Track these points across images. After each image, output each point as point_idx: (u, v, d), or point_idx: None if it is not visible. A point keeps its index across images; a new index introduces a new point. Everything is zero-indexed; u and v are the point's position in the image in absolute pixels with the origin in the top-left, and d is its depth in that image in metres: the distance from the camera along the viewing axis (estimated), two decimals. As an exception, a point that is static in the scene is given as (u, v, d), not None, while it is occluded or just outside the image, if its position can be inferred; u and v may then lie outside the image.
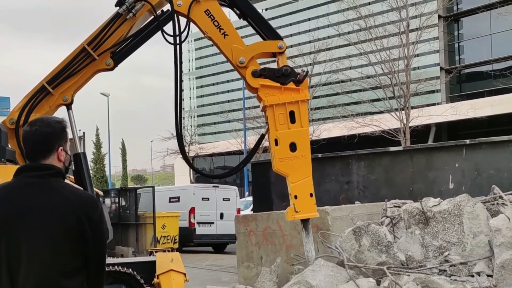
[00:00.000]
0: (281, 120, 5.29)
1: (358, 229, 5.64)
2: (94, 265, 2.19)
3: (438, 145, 8.73)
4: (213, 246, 17.13)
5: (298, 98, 5.31)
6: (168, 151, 37.05)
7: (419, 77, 24.74)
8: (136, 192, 10.27)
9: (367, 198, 8.16)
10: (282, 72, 5.33)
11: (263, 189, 9.42)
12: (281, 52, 5.45)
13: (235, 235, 7.53)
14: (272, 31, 5.57)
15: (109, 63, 5.69)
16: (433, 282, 4.87)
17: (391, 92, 22.90)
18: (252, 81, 5.37)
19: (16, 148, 5.59)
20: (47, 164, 2.20)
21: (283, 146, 5.26)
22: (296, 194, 5.23)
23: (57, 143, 2.23)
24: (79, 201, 2.16)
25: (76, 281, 2.11)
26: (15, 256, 2.06)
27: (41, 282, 2.04)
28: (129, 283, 5.55)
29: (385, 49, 22.78)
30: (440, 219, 5.51)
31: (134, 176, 71.86)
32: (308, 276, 5.17)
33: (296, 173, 5.25)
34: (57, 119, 2.34)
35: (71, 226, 2.10)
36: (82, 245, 2.13)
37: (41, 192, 2.13)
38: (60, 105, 5.67)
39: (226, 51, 5.46)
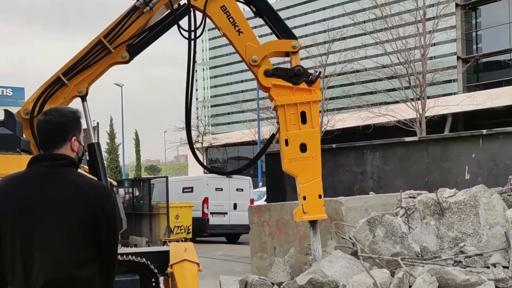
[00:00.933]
0: (292, 120, 5.28)
1: (372, 220, 5.60)
2: (107, 255, 2.19)
3: (454, 135, 8.60)
4: (226, 237, 17.18)
5: (310, 98, 5.28)
6: (181, 141, 37.19)
7: (436, 67, 24.42)
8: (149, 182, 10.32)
9: (382, 189, 8.09)
10: (294, 72, 5.31)
11: (277, 180, 9.40)
12: (295, 52, 5.43)
13: (249, 226, 7.54)
14: (287, 30, 5.55)
15: (125, 56, 5.72)
16: (447, 273, 4.83)
17: (406, 82, 22.64)
18: (264, 81, 5.36)
19: (30, 138, 5.64)
20: (61, 154, 2.20)
21: (293, 147, 5.25)
22: (305, 195, 5.22)
23: (70, 133, 2.23)
24: (92, 191, 2.16)
25: (89, 271, 2.11)
26: (28, 247, 2.06)
27: (54, 272, 2.04)
28: (142, 272, 5.57)
29: (401, 38, 22.49)
30: (456, 210, 5.46)
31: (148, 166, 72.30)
32: (324, 266, 5.17)
33: (305, 174, 5.24)
34: (71, 109, 2.34)
35: (84, 216, 2.10)
36: (95, 235, 2.13)
37: (54, 182, 2.13)
38: (74, 96, 5.70)
39: (240, 49, 5.45)
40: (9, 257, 2.08)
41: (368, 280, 4.86)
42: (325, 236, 5.80)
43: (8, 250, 2.08)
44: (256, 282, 5.75)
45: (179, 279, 5.22)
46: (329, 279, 5.02)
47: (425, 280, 4.73)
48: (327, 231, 5.68)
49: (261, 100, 30.40)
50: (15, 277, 2.07)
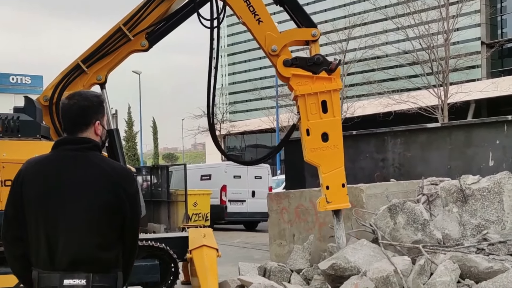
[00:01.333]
0: (313, 110, 5.24)
1: (393, 207, 5.52)
2: (129, 238, 2.22)
3: (478, 121, 8.41)
4: (244, 224, 17.22)
5: (330, 87, 5.24)
6: (199, 129, 37.25)
7: (459, 52, 23.93)
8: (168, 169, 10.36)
9: (403, 176, 7.98)
10: (314, 61, 5.27)
11: (296, 167, 9.34)
12: (314, 40, 5.38)
13: (267, 213, 7.52)
14: (307, 18, 5.51)
15: (144, 44, 5.73)
16: (470, 260, 4.75)
17: (429, 68, 22.24)
18: (283, 71, 5.33)
19: (50, 124, 5.69)
20: (85, 137, 2.22)
21: (314, 136, 5.23)
22: (328, 184, 5.22)
23: (94, 117, 2.25)
24: (116, 174, 2.18)
25: (112, 253, 2.14)
26: (53, 229, 2.09)
27: (78, 254, 2.07)
28: (162, 258, 5.62)
29: (424, 23, 22.06)
30: (479, 197, 5.37)
31: (165, 154, 72.70)
32: (348, 252, 5.15)
33: (328, 164, 5.21)
34: (95, 93, 2.36)
35: (108, 199, 2.12)
36: (119, 217, 2.15)
37: (79, 165, 2.16)
38: (93, 84, 5.74)
39: (259, 38, 5.43)
40: (34, 239, 2.11)
41: (389, 267, 4.80)
42: (345, 223, 5.74)
43: (33, 232, 2.12)
44: (275, 269, 5.74)
45: (198, 265, 5.24)
46: (351, 265, 4.99)
47: (447, 268, 4.66)
48: (347, 218, 5.62)
49: (280, 87, 30.24)
50: (39, 258, 2.10)
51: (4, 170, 4.94)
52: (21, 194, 2.14)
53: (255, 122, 38.45)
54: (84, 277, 2.06)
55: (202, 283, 5.05)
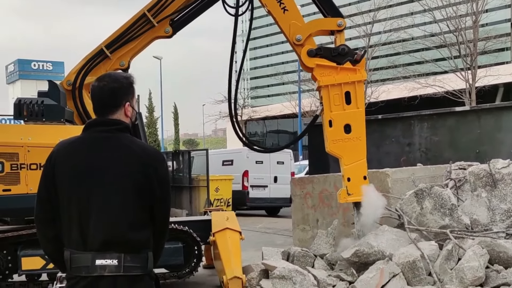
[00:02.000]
0: (336, 101, 5.19)
1: (420, 192, 5.42)
2: (159, 218, 2.23)
3: (509, 104, 8.17)
4: (266, 210, 17.20)
5: (355, 78, 5.18)
6: (220, 115, 37.17)
7: (488, 34, 23.28)
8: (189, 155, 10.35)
9: (430, 161, 7.83)
10: (338, 52, 5.22)
11: (319, 152, 9.23)
12: (340, 31, 5.32)
13: (289, 199, 7.48)
14: (334, 7, 5.45)
15: (168, 30, 5.73)
16: (499, 245, 4.65)
17: (456, 51, 21.72)
18: (307, 61, 5.28)
19: (73, 108, 5.72)
20: (115, 119, 2.23)
21: (337, 128, 5.20)
22: (349, 176, 5.20)
23: (124, 98, 2.25)
24: (146, 155, 2.19)
25: (144, 233, 2.15)
26: (85, 210, 2.10)
27: (110, 234, 2.08)
28: (185, 240, 5.63)
29: (452, 5, 21.51)
30: (509, 181, 5.28)
31: (186, 140, 73.05)
32: (370, 238, 5.12)
33: (349, 155, 5.19)
34: (125, 74, 2.35)
35: (139, 179, 2.14)
36: (150, 197, 2.16)
37: (110, 146, 2.17)
38: (116, 69, 5.75)
39: (284, 27, 5.38)
40: (66, 220, 2.13)
41: (415, 252, 4.73)
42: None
43: (66, 213, 2.14)
44: (298, 254, 5.70)
45: (222, 247, 5.23)
46: (375, 250, 4.93)
47: (475, 253, 4.56)
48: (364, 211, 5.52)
49: (303, 72, 29.92)
50: (71, 239, 2.12)
51: (29, 154, 4.98)
52: (53, 176, 2.16)
53: (277, 107, 38.22)
54: (116, 257, 2.07)
55: (225, 265, 5.04)
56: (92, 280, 2.06)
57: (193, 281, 6.19)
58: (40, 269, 5.12)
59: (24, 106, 5.26)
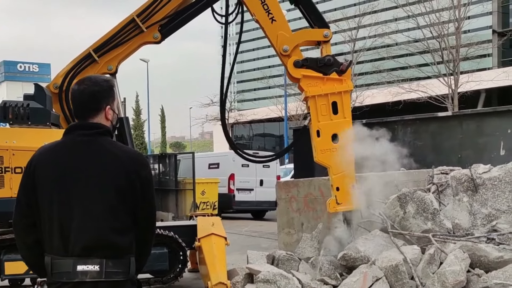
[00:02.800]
0: (323, 111, 5.24)
1: (403, 196, 5.49)
2: (143, 223, 2.21)
3: (490, 110, 8.32)
4: (252, 213, 17.25)
5: (341, 88, 5.24)
6: (207, 118, 37.19)
7: (470, 41, 23.65)
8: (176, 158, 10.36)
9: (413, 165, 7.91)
10: (324, 62, 5.27)
11: (304, 156, 9.30)
12: (326, 41, 5.38)
13: (275, 202, 7.52)
14: (320, 18, 5.52)
15: (157, 36, 5.73)
16: (480, 250, 4.72)
17: (439, 57, 22.01)
18: (294, 71, 5.33)
19: (59, 112, 5.69)
20: (96, 123, 2.22)
21: (325, 138, 5.24)
22: (338, 186, 5.23)
23: (105, 101, 2.24)
24: (129, 158, 2.18)
25: (126, 238, 2.13)
26: (66, 215, 2.09)
27: (92, 238, 2.07)
28: (170, 246, 5.64)
29: (435, 11, 21.81)
30: (490, 186, 5.33)
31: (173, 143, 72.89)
32: (359, 243, 5.18)
33: (338, 165, 5.22)
34: (105, 77, 2.35)
35: (121, 183, 2.12)
36: (133, 202, 2.15)
37: (91, 150, 2.16)
38: (104, 73, 5.74)
39: (272, 37, 5.43)
40: (47, 225, 2.11)
41: (398, 256, 4.79)
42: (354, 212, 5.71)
43: (46, 218, 2.12)
44: (283, 257, 5.74)
45: (207, 253, 5.25)
46: (361, 255, 4.99)
47: (457, 257, 4.64)
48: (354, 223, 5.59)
49: (289, 76, 29.99)
50: (52, 244, 2.10)
51: (14, 158, 4.95)
52: (34, 180, 2.14)
53: (263, 110, 38.31)
54: (98, 262, 2.06)
55: (210, 271, 5.06)
56: (73, 286, 2.05)
57: (178, 285, 6.20)
58: (24, 274, 5.09)
59: (10, 109, 5.22)
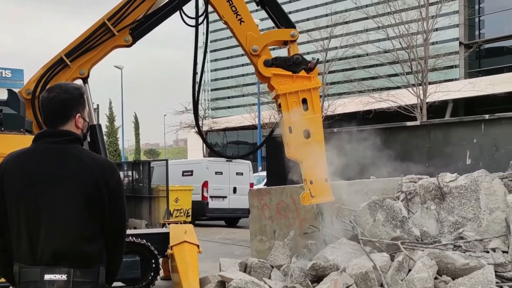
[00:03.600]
0: (294, 108, 5.37)
1: (373, 204, 5.59)
2: (112, 231, 2.19)
3: (456, 120, 8.55)
4: (225, 220, 17.25)
5: (310, 85, 5.41)
6: (181, 125, 37.09)
7: (438, 52, 24.26)
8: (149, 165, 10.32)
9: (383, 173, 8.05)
10: (293, 61, 5.42)
11: (277, 163, 9.38)
12: (293, 41, 5.53)
13: (248, 210, 7.55)
14: (286, 19, 5.65)
15: (128, 39, 5.74)
16: (447, 257, 4.84)
17: (408, 67, 22.51)
18: (264, 71, 5.45)
19: (32, 118, 5.61)
20: (65, 130, 2.20)
21: (296, 133, 5.37)
22: (311, 179, 5.34)
23: (75, 109, 2.23)
24: (98, 166, 2.16)
25: (94, 247, 2.12)
26: (34, 221, 2.07)
27: (61, 246, 2.06)
28: (143, 254, 5.61)
29: (404, 23, 22.30)
30: (457, 195, 5.45)
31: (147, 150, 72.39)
32: (327, 252, 5.24)
33: (310, 159, 5.35)
34: (75, 85, 2.34)
35: (89, 191, 2.11)
36: (101, 209, 2.13)
37: (60, 158, 2.14)
38: (76, 78, 5.72)
39: (241, 38, 5.53)
40: (15, 233, 2.09)
41: (368, 263, 4.87)
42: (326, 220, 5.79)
43: (14, 226, 2.10)
44: (255, 265, 5.77)
45: (179, 261, 5.24)
46: (331, 263, 5.05)
47: (424, 264, 4.74)
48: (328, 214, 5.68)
49: (262, 84, 30.21)
50: (20, 252, 2.08)
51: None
52: (2, 188, 2.12)
53: (237, 118, 38.39)
54: (65, 272, 2.04)
55: (183, 279, 5.05)
56: None
57: (150, 294, 6.15)
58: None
59: (-18, 115, 5.12)
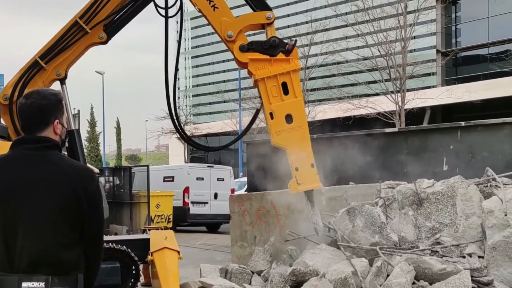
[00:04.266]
0: (274, 92, 5.18)
1: (352, 209, 5.65)
2: (91, 237, 2.19)
3: (433, 127, 8.71)
4: (206, 226, 17.23)
5: (289, 68, 5.20)
6: (163, 131, 37.01)
7: (416, 60, 24.66)
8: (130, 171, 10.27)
9: (362, 179, 8.15)
10: (270, 44, 5.23)
11: (257, 169, 9.42)
12: (270, 23, 5.33)
13: (229, 215, 7.56)
14: (262, 2, 5.44)
15: (102, 36, 5.62)
16: (424, 262, 4.91)
17: (387, 74, 22.83)
18: (240, 56, 5.27)
19: (9, 124, 5.55)
20: (44, 137, 2.19)
21: (278, 119, 5.17)
22: (297, 166, 5.14)
23: (53, 115, 2.22)
24: (76, 173, 2.16)
25: (73, 254, 2.11)
26: (12, 229, 2.06)
27: (38, 253, 2.04)
28: (123, 260, 5.58)
29: (382, 30, 22.64)
30: (434, 201, 5.54)
31: (129, 155, 71.86)
32: (307, 257, 5.25)
33: (295, 145, 5.16)
34: (53, 91, 2.33)
35: (67, 198, 2.10)
36: (79, 216, 2.13)
37: (38, 164, 2.13)
38: (53, 80, 5.63)
39: (215, 24, 5.36)
40: None
41: (347, 269, 4.93)
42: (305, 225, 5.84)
43: None
44: (236, 271, 5.79)
45: (160, 267, 5.23)
46: (310, 269, 5.08)
47: (402, 269, 4.80)
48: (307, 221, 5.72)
49: (243, 91, 30.32)
50: None
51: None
52: None
53: (219, 124, 38.38)
54: (43, 279, 2.03)
55: (163, 285, 5.04)
56: None
57: (130, 301, 6.11)
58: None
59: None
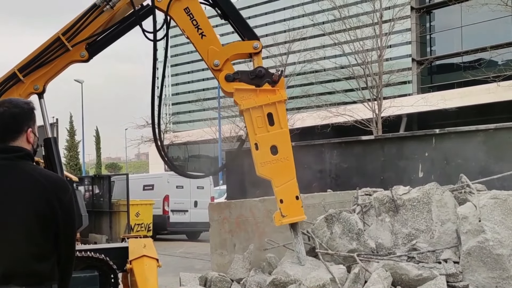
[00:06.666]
0: (259, 123, 5.16)
1: (330, 217, 5.71)
2: (65, 248, 2.18)
3: (409, 134, 8.84)
4: (187, 234, 17.15)
5: (275, 99, 5.16)
6: (142, 139, 36.82)
7: (391, 68, 25.11)
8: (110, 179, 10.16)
9: (339, 186, 8.22)
10: (256, 74, 5.19)
11: (236, 177, 9.44)
12: (257, 53, 5.32)
13: (209, 223, 7.55)
14: (249, 30, 5.47)
15: (84, 54, 5.54)
16: (401, 268, 4.98)
17: (364, 83, 23.18)
18: (226, 86, 5.25)
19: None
20: (16, 146, 2.17)
21: (263, 150, 5.14)
22: (282, 198, 5.13)
23: (26, 124, 2.21)
24: (49, 183, 2.14)
25: (47, 264, 2.10)
26: None
27: (11, 265, 2.02)
28: (101, 268, 5.52)
29: (359, 39, 23.00)
30: (410, 207, 5.62)
31: (109, 164, 71.05)
32: (287, 267, 5.25)
33: (279, 177, 5.14)
34: (25, 100, 2.32)
35: (41, 209, 2.09)
36: (53, 227, 2.11)
37: (11, 174, 2.11)
38: (31, 93, 5.55)
39: (202, 52, 5.33)
40: None
41: (325, 276, 4.97)
42: (284, 233, 5.88)
43: None
44: (215, 279, 5.78)
45: (138, 275, 5.19)
46: (291, 279, 5.09)
47: (380, 276, 4.86)
48: (285, 227, 5.75)
49: (222, 99, 30.37)
50: None
51: None
52: None
53: (198, 132, 38.35)
54: None
55: (142, 294, 5.01)
56: None
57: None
58: None
59: None
